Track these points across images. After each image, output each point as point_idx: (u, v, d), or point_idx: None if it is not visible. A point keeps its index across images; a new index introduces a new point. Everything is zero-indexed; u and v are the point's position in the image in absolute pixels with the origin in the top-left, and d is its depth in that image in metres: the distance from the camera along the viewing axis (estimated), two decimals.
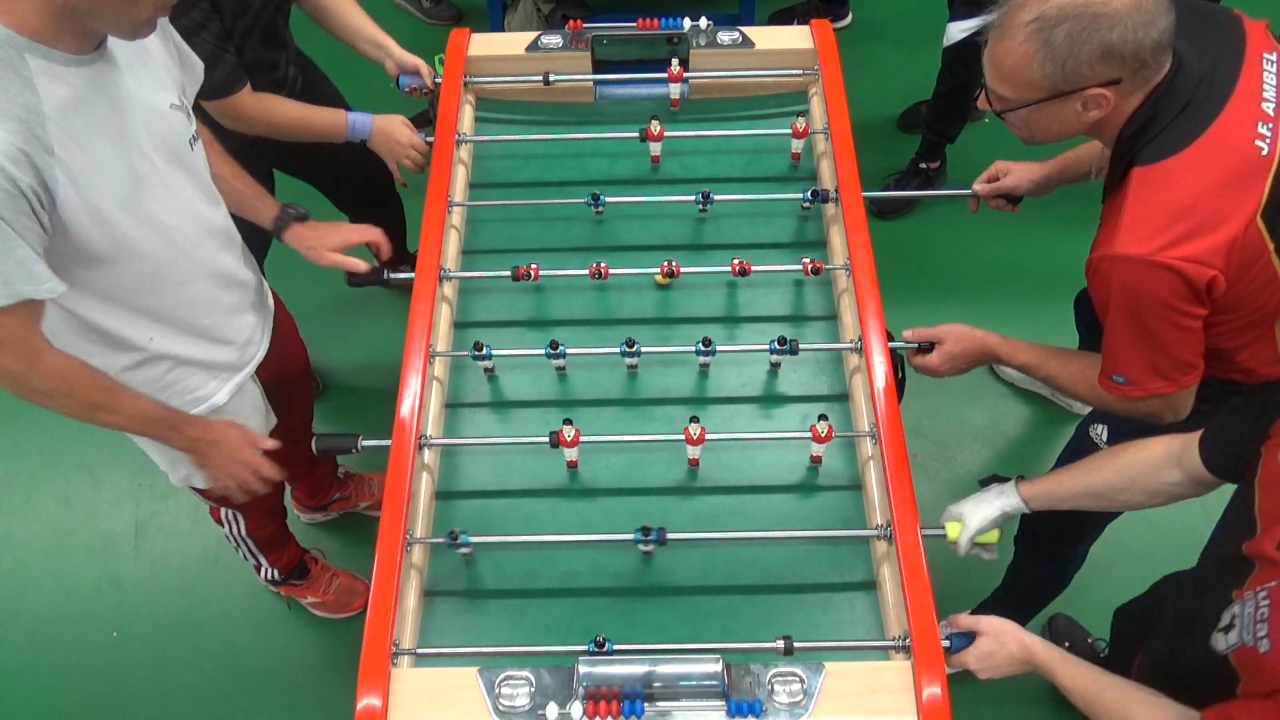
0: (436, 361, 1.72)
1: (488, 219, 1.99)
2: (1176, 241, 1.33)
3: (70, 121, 1.27)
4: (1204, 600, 1.30)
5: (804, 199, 1.88)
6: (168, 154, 1.44)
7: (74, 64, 1.28)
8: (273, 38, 2.00)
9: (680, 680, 1.33)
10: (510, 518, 1.63)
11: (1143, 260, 1.34)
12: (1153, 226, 1.34)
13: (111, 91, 1.34)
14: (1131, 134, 1.39)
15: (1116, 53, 1.31)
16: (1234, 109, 1.37)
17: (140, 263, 1.43)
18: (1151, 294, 1.36)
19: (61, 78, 1.26)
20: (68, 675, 2.36)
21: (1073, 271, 2.52)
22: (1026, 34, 1.33)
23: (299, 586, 2.35)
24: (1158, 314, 1.38)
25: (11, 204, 1.21)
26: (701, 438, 1.58)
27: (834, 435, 1.58)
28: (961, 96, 2.93)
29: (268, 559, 2.17)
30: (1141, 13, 1.29)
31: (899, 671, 1.36)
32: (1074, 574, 2.12)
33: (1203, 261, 1.33)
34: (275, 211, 1.83)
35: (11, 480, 2.68)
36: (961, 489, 2.60)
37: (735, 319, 1.84)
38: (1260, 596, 1.19)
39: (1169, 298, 1.36)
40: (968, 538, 1.53)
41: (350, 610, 2.40)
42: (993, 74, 1.42)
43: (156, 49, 1.45)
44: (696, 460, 1.64)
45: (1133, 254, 1.34)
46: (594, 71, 2.12)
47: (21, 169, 1.21)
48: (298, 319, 2.05)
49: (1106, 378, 1.50)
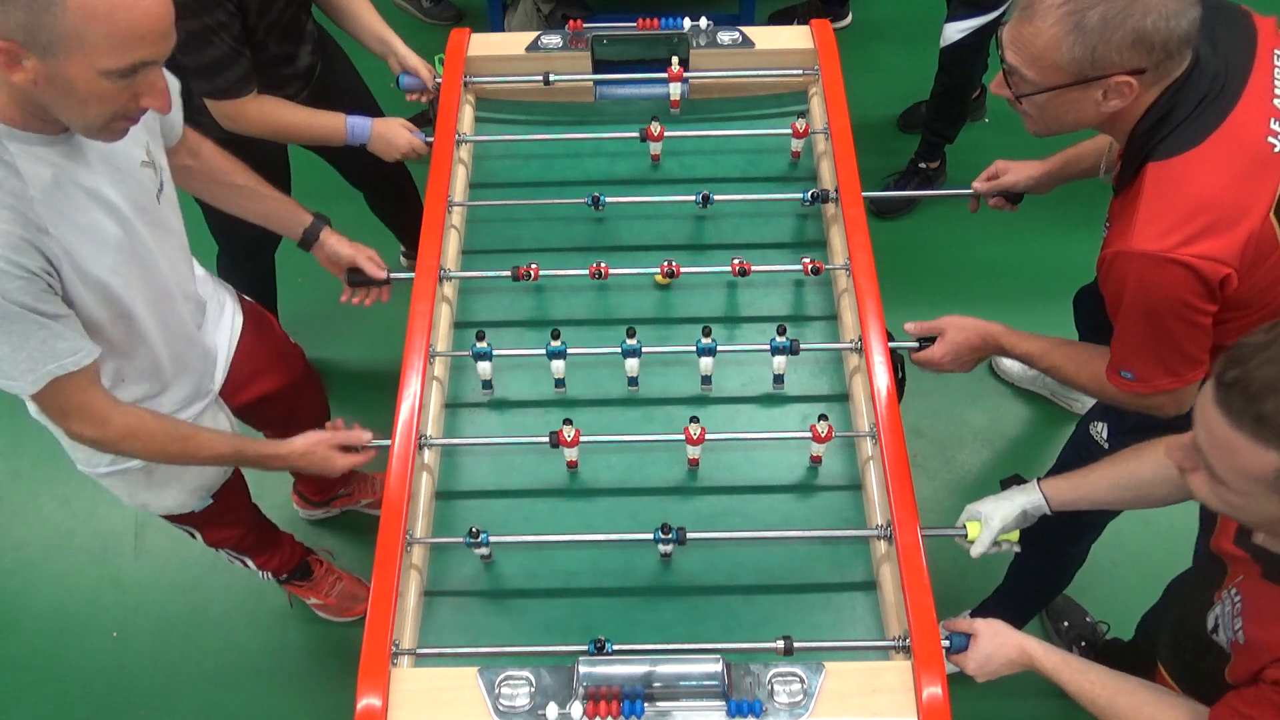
0: (436, 361, 1.72)
1: (488, 219, 1.99)
2: (1192, 238, 1.31)
3: (55, 200, 1.29)
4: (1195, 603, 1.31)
5: (804, 199, 1.88)
6: (140, 213, 1.45)
7: (50, 144, 1.29)
8: (294, 32, 2.01)
9: (680, 680, 1.33)
10: (510, 518, 1.63)
11: (1159, 257, 1.32)
12: (1168, 223, 1.33)
13: (87, 162, 1.35)
14: (1147, 129, 1.37)
15: (1147, 40, 1.28)
16: (1246, 105, 1.36)
17: (133, 322, 1.47)
18: (1166, 291, 1.35)
19: (42, 159, 1.28)
20: (68, 675, 2.36)
21: (1072, 271, 2.53)
22: (1059, 15, 1.29)
23: (301, 587, 2.35)
24: (1172, 311, 1.36)
25: (30, 288, 1.25)
26: (701, 438, 1.58)
27: (834, 435, 1.58)
28: (960, 97, 2.93)
29: (254, 562, 2.16)
30: (1175, 1, 1.27)
31: (899, 671, 1.36)
32: (1075, 572, 2.12)
33: (1218, 259, 1.31)
34: (308, 222, 1.84)
35: (11, 480, 2.68)
36: (961, 489, 2.60)
37: (735, 319, 1.84)
38: (1233, 594, 1.20)
39: (1184, 294, 1.34)
40: (989, 536, 1.51)
41: (351, 615, 2.40)
42: (1016, 55, 1.36)
43: None
44: (696, 460, 1.64)
45: (1149, 250, 1.33)
46: (594, 71, 2.12)
47: (27, 255, 1.24)
48: (299, 318, 2.06)
49: (1115, 372, 1.50)
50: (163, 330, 1.56)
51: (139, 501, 1.76)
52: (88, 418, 1.40)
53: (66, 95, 1.19)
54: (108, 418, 1.41)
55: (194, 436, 1.54)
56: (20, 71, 1.16)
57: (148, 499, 1.75)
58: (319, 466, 1.65)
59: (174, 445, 1.51)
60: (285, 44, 1.99)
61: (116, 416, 1.42)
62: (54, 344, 1.29)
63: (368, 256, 1.87)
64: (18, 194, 1.25)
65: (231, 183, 1.76)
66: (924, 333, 1.69)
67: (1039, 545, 2.04)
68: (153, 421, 1.48)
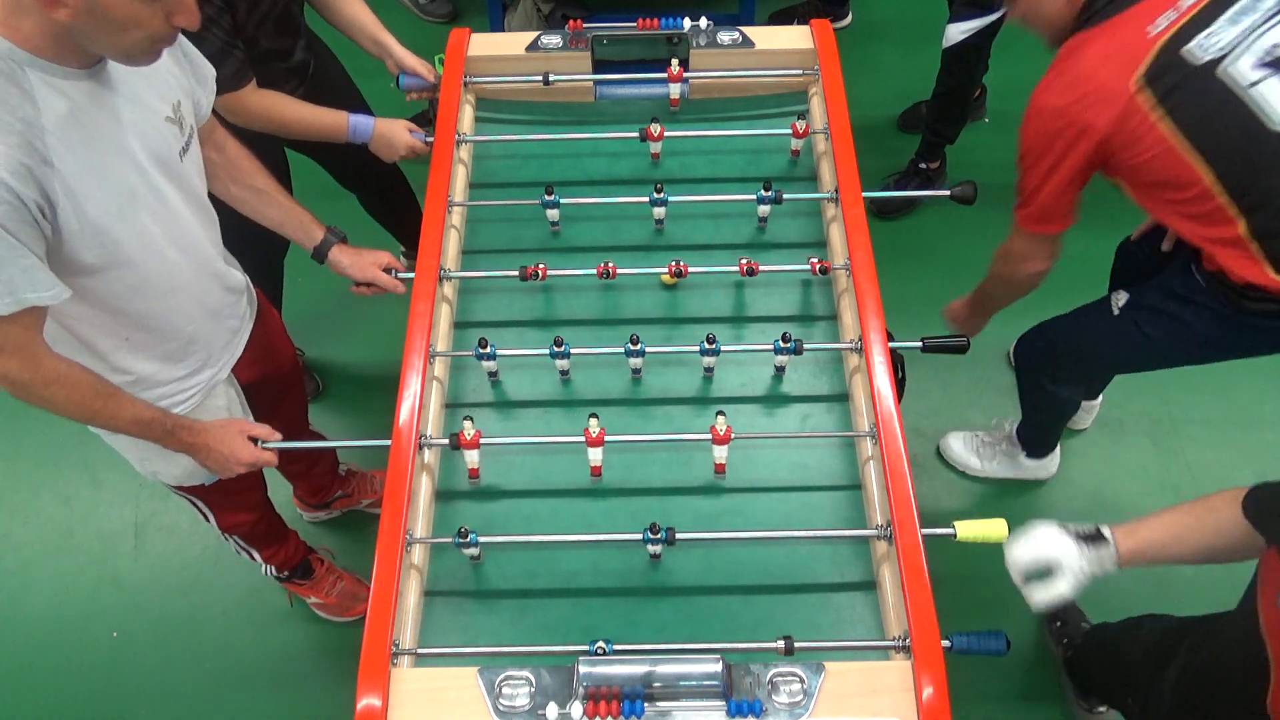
0: (436, 361, 1.72)
1: (488, 219, 1.99)
2: (1072, 104, 1.63)
3: (68, 134, 1.29)
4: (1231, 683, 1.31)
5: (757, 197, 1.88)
6: (160, 166, 1.45)
7: (73, 77, 1.29)
8: (287, 25, 2.01)
9: (680, 680, 1.33)
10: (510, 518, 1.63)
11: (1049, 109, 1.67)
12: (1057, 87, 1.66)
13: (109, 104, 1.35)
14: (1079, 18, 1.69)
15: None
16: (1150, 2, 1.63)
17: (129, 272, 1.44)
18: (1049, 137, 1.68)
19: (61, 91, 1.28)
20: (68, 675, 2.36)
21: (1072, 271, 2.52)
22: None
23: (302, 586, 2.35)
24: (1050, 155, 1.70)
25: (16, 215, 1.23)
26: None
27: (834, 435, 1.58)
28: (961, 97, 2.93)
29: (261, 554, 2.16)
30: None
31: (899, 671, 1.36)
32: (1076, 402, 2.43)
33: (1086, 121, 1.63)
34: (320, 236, 1.84)
35: (11, 480, 2.68)
36: (961, 489, 2.61)
37: (736, 319, 1.84)
38: None
39: (1057, 143, 1.67)
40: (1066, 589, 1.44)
41: (351, 615, 2.40)
42: None
43: (160, 60, 1.45)
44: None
45: (1039, 105, 1.68)
46: (594, 71, 2.12)
47: (23, 182, 1.22)
48: (299, 318, 2.06)
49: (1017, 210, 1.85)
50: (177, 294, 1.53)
51: (150, 470, 1.74)
52: (25, 356, 1.35)
53: (104, 25, 1.21)
54: (41, 361, 1.37)
55: (118, 395, 1.49)
56: (62, 8, 1.18)
57: (159, 467, 1.72)
58: (220, 457, 1.62)
59: (97, 400, 1.46)
60: (278, 38, 1.99)
61: (48, 361, 1.38)
62: (36, 274, 1.27)
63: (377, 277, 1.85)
64: (29, 121, 1.24)
65: (252, 185, 1.76)
66: None
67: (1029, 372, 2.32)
68: (80, 373, 1.43)
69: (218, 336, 1.69)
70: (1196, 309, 1.83)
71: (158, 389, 1.61)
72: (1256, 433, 2.69)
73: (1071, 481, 2.61)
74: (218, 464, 1.64)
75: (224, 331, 1.70)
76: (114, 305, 1.47)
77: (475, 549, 1.53)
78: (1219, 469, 2.62)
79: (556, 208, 1.90)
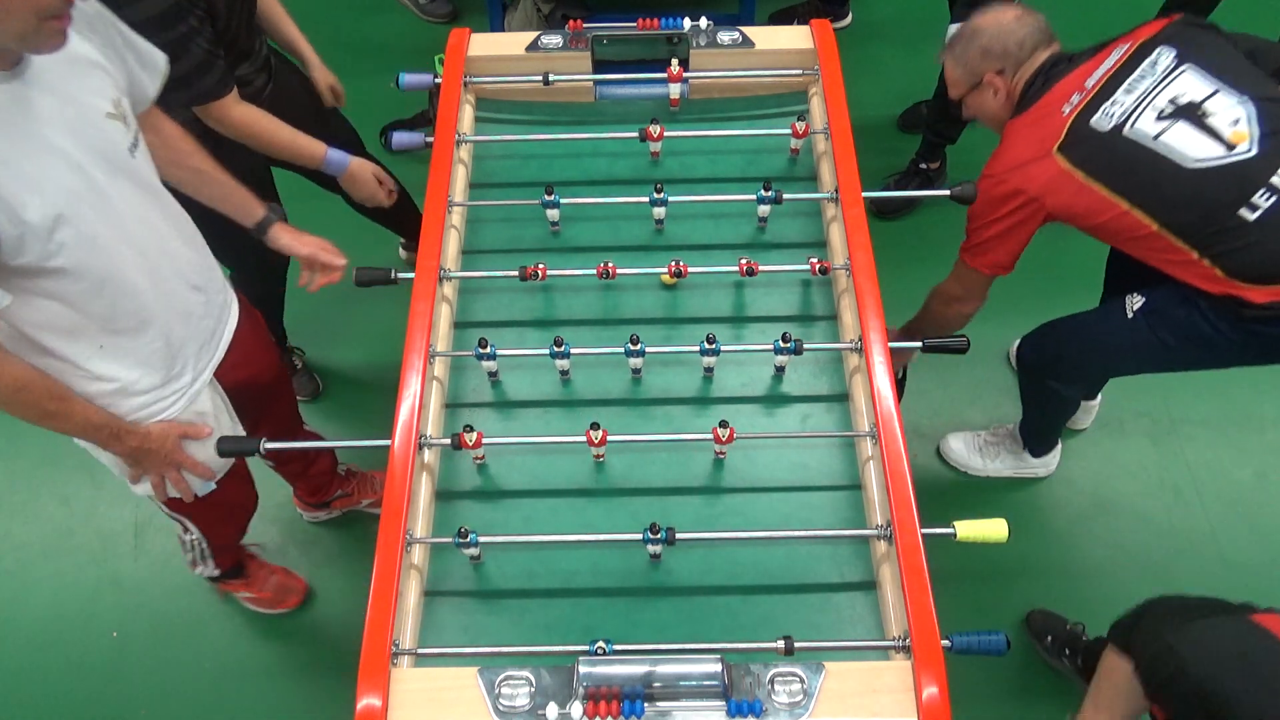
0: (436, 361, 1.72)
1: (488, 219, 1.99)
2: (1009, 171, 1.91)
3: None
4: None
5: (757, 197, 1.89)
6: (104, 163, 1.41)
7: None
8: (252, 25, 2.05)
9: (680, 680, 1.33)
10: (510, 518, 1.63)
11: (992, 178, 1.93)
12: (1001, 162, 1.94)
13: (34, 104, 1.31)
14: (1014, 109, 2.00)
15: (990, 51, 2.00)
16: (1064, 84, 1.90)
17: (84, 272, 1.41)
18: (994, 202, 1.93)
19: None
20: (68, 675, 2.36)
21: (1072, 271, 2.52)
22: (947, 56, 2.10)
23: (234, 584, 2.34)
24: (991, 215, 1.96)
25: None
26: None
27: (834, 435, 1.58)
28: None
29: (215, 561, 2.15)
30: (1009, 24, 1.98)
31: (899, 671, 1.36)
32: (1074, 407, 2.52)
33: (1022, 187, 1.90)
34: (260, 215, 1.84)
35: (11, 480, 2.68)
36: (961, 489, 2.61)
37: (736, 319, 1.84)
38: None
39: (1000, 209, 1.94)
40: None
41: (285, 606, 2.39)
42: (947, 78, 2.15)
43: (94, 56, 1.42)
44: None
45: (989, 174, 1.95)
46: (594, 71, 2.12)
47: None
48: (299, 318, 2.05)
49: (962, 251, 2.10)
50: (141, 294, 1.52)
51: None
52: None
53: None
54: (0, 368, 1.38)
55: (71, 398, 1.50)
56: None
57: None
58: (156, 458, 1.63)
59: (52, 403, 1.47)
60: (249, 38, 2.03)
61: (6, 365, 1.38)
62: None
63: (321, 248, 1.88)
64: None
65: (191, 165, 1.74)
66: None
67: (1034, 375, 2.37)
68: (37, 376, 1.44)
69: (193, 337, 1.67)
70: (1204, 314, 1.89)
71: (140, 396, 1.60)
72: (1256, 433, 2.69)
73: (1071, 482, 2.61)
74: (151, 467, 1.65)
75: (199, 332, 1.68)
76: (80, 308, 1.45)
77: (475, 549, 1.53)
78: (1219, 469, 2.62)
79: (556, 208, 1.90)
